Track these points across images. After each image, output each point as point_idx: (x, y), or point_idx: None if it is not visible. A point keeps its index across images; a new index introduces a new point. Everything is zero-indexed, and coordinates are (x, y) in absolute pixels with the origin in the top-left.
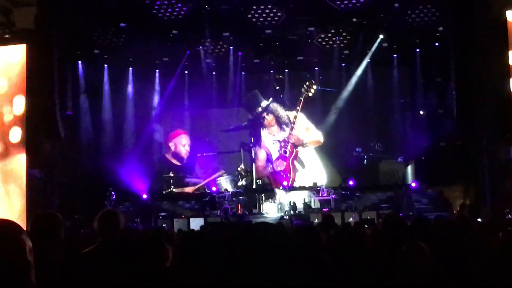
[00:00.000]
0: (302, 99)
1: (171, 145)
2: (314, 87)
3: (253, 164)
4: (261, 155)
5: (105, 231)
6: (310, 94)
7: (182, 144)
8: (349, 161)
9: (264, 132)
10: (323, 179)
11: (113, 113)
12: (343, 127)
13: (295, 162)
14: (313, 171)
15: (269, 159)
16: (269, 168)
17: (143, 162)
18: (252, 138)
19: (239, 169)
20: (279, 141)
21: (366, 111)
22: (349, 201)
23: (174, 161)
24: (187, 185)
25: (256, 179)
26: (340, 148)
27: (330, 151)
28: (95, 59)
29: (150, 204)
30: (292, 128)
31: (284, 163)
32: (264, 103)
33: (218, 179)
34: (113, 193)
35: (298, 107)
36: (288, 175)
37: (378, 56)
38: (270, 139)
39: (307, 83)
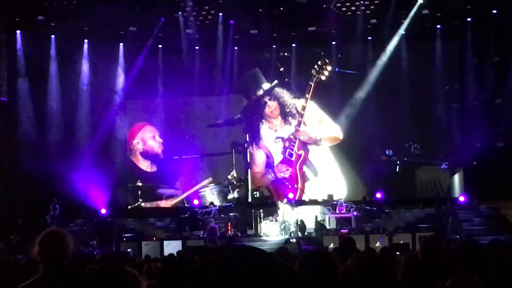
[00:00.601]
0: (312, 84)
1: (137, 142)
2: (329, 68)
3: (249, 170)
4: (259, 158)
5: (49, 258)
6: (324, 78)
7: (150, 136)
8: (376, 168)
9: (264, 127)
10: (341, 190)
11: (63, 100)
12: (369, 122)
13: (305, 168)
14: (329, 179)
15: (269, 164)
16: (269, 176)
17: (102, 165)
18: (247, 135)
19: (229, 177)
20: (283, 138)
21: (400, 101)
22: (376, 219)
23: (145, 164)
24: (161, 197)
25: (252, 190)
26: (365, 150)
27: (352, 153)
28: (39, 28)
29: (110, 221)
30: (300, 122)
31: (289, 168)
32: (266, 85)
33: (202, 190)
34: (57, 206)
35: (307, 95)
36: (295, 185)
37: (416, 27)
38: (272, 136)
39: (319, 62)
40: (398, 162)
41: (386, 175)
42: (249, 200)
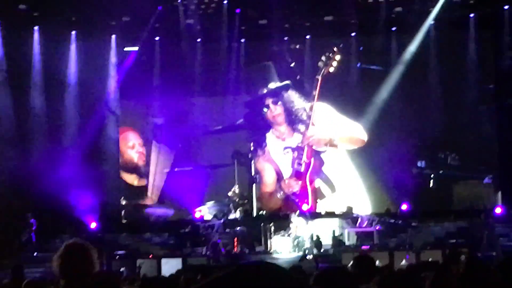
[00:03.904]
0: (319, 78)
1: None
2: (338, 58)
3: (254, 185)
4: (268, 176)
5: (71, 275)
6: (332, 70)
7: (129, 146)
8: (405, 181)
9: (270, 136)
10: (363, 203)
11: (47, 98)
12: (396, 128)
13: (319, 182)
14: (348, 191)
15: (279, 180)
16: (278, 195)
17: (92, 173)
18: (251, 144)
19: (230, 193)
20: (292, 148)
21: (431, 103)
22: (402, 234)
23: (130, 177)
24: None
25: (258, 209)
26: (392, 161)
27: (375, 161)
28: (19, 17)
29: (101, 237)
30: (307, 125)
31: (299, 182)
32: (273, 84)
33: (199, 208)
34: (33, 221)
35: (314, 92)
36: (305, 200)
37: (446, 16)
38: (280, 147)
39: (327, 53)
40: (432, 176)
41: (418, 191)
42: (254, 214)
